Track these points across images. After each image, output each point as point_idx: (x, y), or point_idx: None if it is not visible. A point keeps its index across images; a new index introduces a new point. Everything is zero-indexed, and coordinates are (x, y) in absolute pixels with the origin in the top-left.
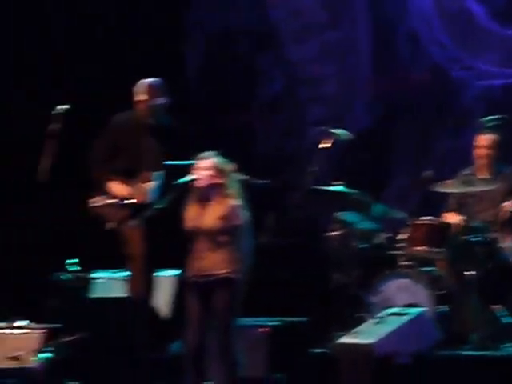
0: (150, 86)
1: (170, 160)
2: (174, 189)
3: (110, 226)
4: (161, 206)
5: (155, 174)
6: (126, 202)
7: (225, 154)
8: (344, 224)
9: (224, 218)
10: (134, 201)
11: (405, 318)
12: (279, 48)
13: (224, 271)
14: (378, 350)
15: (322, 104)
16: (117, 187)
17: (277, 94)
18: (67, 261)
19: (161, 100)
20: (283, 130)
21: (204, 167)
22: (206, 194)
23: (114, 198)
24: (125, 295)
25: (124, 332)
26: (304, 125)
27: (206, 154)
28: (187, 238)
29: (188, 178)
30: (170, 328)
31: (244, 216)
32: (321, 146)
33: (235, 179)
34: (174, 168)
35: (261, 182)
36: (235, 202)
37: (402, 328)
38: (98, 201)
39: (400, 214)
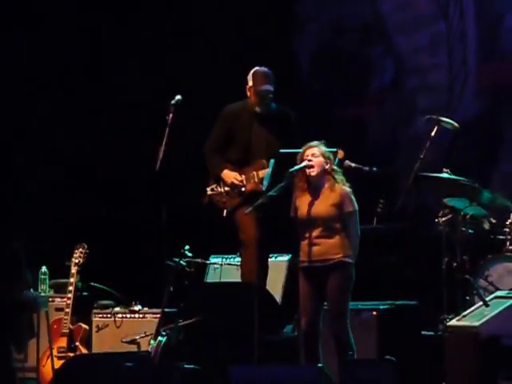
0: (255, 72)
1: (284, 148)
2: (287, 177)
3: (226, 213)
4: (273, 194)
5: (268, 161)
6: (240, 189)
7: (337, 143)
8: (453, 210)
9: (337, 205)
10: (248, 188)
11: (511, 301)
12: (389, 40)
13: (338, 256)
14: (485, 332)
15: (431, 93)
16: (231, 175)
17: (386, 85)
18: (184, 247)
19: (267, 87)
20: (393, 119)
21: (314, 155)
22: (316, 182)
23: (229, 185)
24: (239, 280)
25: (239, 315)
26: (413, 114)
27: (314, 142)
28: (298, 225)
29: (301, 165)
30: (284, 311)
31: (355, 203)
32: (430, 134)
33: (341, 166)
34: (286, 156)
35: (371, 168)
36: (346, 188)
37: (508, 310)
38: (213, 189)
39: (507, 201)
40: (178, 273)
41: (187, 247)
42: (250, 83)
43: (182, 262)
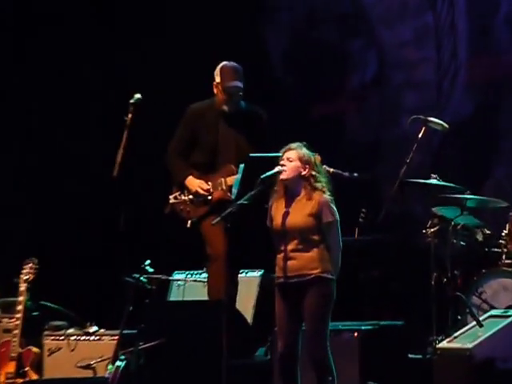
0: (223, 67)
1: (255, 151)
2: (259, 183)
3: (190, 224)
4: (244, 202)
5: (237, 166)
6: (206, 197)
7: (313, 144)
8: (442, 219)
9: (314, 214)
10: (215, 196)
11: (507, 321)
12: (371, 32)
13: (316, 271)
14: (478, 355)
15: (418, 90)
16: (196, 182)
17: (368, 81)
18: (144, 262)
19: (235, 83)
20: (376, 118)
21: (289, 158)
22: (292, 188)
23: (194, 193)
24: (205, 298)
25: (205, 337)
26: (398, 113)
27: (294, 144)
28: (273, 237)
29: (273, 171)
30: (255, 332)
31: (336, 212)
32: (417, 135)
33: (323, 171)
34: (258, 160)
35: (352, 174)
36: (325, 196)
37: (503, 331)
38: (176, 197)
39: (501, 202)
40: (137, 290)
41: (148, 262)
42: (217, 79)
43: (142, 278)
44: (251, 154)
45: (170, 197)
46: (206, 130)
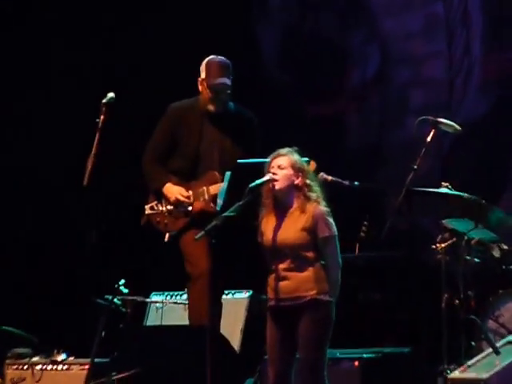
0: (209, 62)
1: (242, 157)
2: (248, 193)
3: (168, 238)
4: (230, 215)
5: (222, 174)
6: (187, 208)
7: (309, 148)
8: (454, 233)
9: (308, 229)
10: (196, 207)
11: None
12: (373, 23)
13: (312, 292)
14: None
15: (426, 88)
16: (175, 190)
17: (370, 78)
18: (118, 282)
19: (223, 80)
20: (379, 120)
21: (280, 166)
22: (283, 199)
23: (172, 203)
24: (186, 323)
25: (186, 367)
26: (404, 114)
27: (284, 150)
28: (264, 254)
29: (263, 179)
30: (243, 361)
31: (333, 225)
32: (425, 139)
33: (317, 180)
34: (247, 168)
35: (352, 183)
36: (321, 208)
37: None
38: (153, 207)
39: None
40: (110, 314)
41: (122, 282)
42: (202, 75)
43: (115, 300)
44: (239, 161)
45: (146, 207)
46: (188, 133)
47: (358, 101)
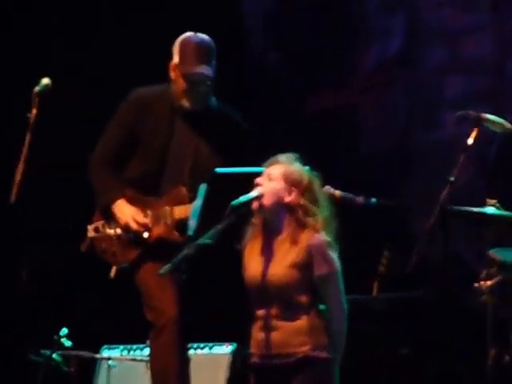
0: (185, 42)
1: (224, 166)
2: (229, 213)
3: (115, 273)
4: (206, 243)
5: (192, 188)
6: (145, 233)
7: (309, 153)
8: (503, 267)
9: (300, 264)
10: (155, 234)
11: None
12: None
13: (305, 348)
14: None
15: (467, 73)
16: (129, 210)
17: (392, 60)
18: (59, 332)
19: (202, 69)
20: (401, 115)
21: (270, 176)
22: (271, 222)
23: (124, 226)
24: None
25: None
26: (436, 107)
27: (281, 156)
28: (248, 296)
29: (250, 195)
30: None
31: (335, 259)
32: (465, 141)
33: (322, 197)
34: (228, 179)
35: (368, 199)
36: (318, 237)
37: None
38: (98, 228)
39: None
40: (49, 373)
41: (64, 331)
42: (175, 59)
43: (55, 355)
44: (218, 170)
45: (89, 227)
46: (154, 130)
47: (374, 90)
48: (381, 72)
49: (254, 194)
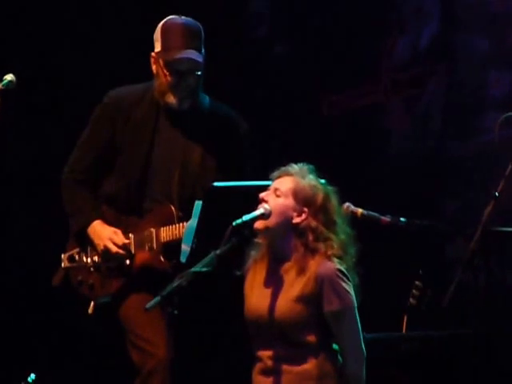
0: (167, 25)
1: (220, 177)
2: (229, 235)
3: (93, 309)
4: (201, 271)
5: (182, 208)
6: (123, 262)
7: (324, 164)
8: None
9: (307, 298)
10: (138, 261)
11: None
12: None
13: None
14: None
15: None
16: (106, 232)
17: (426, 53)
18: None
19: (188, 54)
20: (439, 118)
21: (278, 191)
22: (277, 246)
23: (102, 252)
24: None
25: None
26: (479, 108)
27: (293, 166)
28: (249, 333)
29: (255, 213)
30: None
31: (349, 292)
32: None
33: (339, 217)
34: (229, 194)
35: (396, 219)
36: (329, 265)
37: None
38: (72, 257)
39: None
40: None
41: (32, 377)
42: (157, 47)
43: None
44: (216, 183)
45: (63, 257)
46: (133, 138)
47: (405, 88)
48: (412, 67)
49: (258, 212)
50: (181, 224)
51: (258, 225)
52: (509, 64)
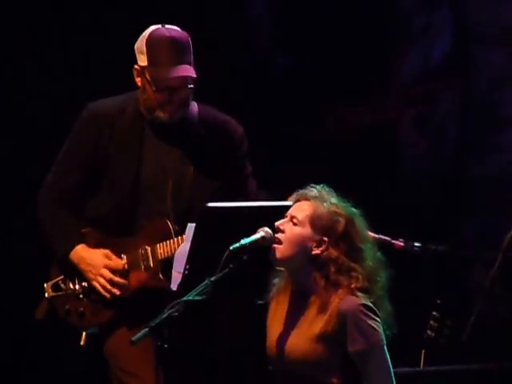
0: (153, 36)
1: (218, 197)
2: (226, 260)
3: (85, 340)
4: (194, 299)
5: (180, 223)
6: (114, 289)
7: (329, 183)
8: None
9: (329, 337)
10: (136, 283)
11: None
12: None
13: None
14: None
15: None
16: (96, 254)
17: (439, 67)
18: None
19: (182, 71)
20: (454, 136)
21: (294, 218)
22: (298, 279)
23: (92, 279)
24: None
25: None
26: (496, 125)
27: (309, 191)
28: (271, 372)
29: (254, 236)
30: None
31: (375, 328)
32: None
33: (365, 244)
34: (225, 215)
35: (410, 244)
36: (356, 298)
37: None
38: (57, 285)
39: None
40: None
41: None
42: (142, 60)
43: None
44: (210, 204)
45: (46, 286)
46: (119, 153)
47: (416, 104)
48: (424, 82)
49: (258, 235)
50: (179, 238)
51: (273, 255)
52: None
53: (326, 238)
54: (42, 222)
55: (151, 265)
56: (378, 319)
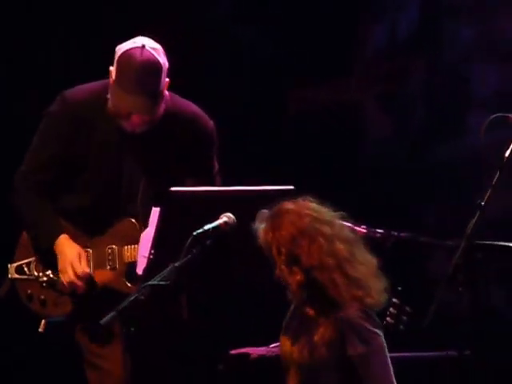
0: (123, 59)
1: (191, 184)
2: (190, 245)
3: (44, 327)
4: (159, 284)
5: (144, 220)
6: (79, 274)
7: (291, 169)
8: None
9: (330, 342)
10: (101, 281)
11: None
12: None
13: None
14: None
15: (504, 62)
16: (72, 253)
17: (404, 43)
18: None
19: (141, 102)
20: (419, 117)
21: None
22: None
23: (62, 266)
24: None
25: None
26: (464, 107)
27: (264, 212)
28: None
29: (216, 223)
30: None
31: (374, 333)
32: (502, 153)
33: (355, 246)
34: (188, 199)
35: (370, 229)
36: (353, 305)
37: None
38: (21, 268)
39: None
40: None
41: None
42: (113, 73)
43: None
44: (174, 188)
45: (11, 267)
46: (100, 151)
47: (380, 83)
48: (388, 59)
49: (221, 220)
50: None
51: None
52: (496, 58)
53: (295, 269)
54: (21, 208)
55: (117, 266)
56: (377, 323)
